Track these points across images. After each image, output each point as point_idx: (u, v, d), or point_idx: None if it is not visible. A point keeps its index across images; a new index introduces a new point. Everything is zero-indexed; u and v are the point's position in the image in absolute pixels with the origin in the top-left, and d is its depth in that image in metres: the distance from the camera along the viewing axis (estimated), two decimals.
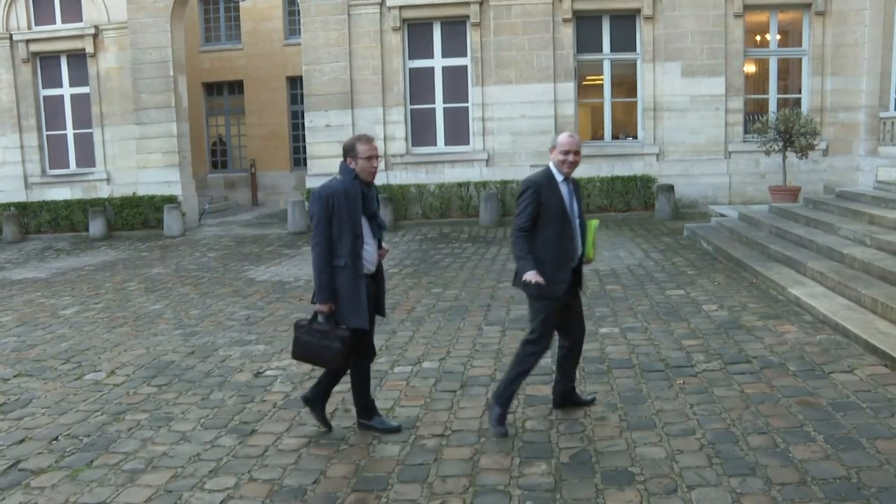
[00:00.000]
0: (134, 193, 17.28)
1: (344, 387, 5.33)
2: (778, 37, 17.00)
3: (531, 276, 4.78)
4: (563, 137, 5.08)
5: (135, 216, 16.97)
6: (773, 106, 16.35)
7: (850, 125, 16.22)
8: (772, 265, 9.51)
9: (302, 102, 17.49)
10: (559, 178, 5.02)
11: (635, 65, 16.44)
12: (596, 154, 16.27)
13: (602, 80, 16.64)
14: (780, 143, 14.16)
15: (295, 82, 21.77)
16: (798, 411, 5.12)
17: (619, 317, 7.85)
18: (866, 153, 15.85)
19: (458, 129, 16.73)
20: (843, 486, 4.08)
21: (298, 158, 22.65)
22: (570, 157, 4.98)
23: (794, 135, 13.95)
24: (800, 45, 16.69)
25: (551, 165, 5.06)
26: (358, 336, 4.90)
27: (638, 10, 16.07)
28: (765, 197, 14.53)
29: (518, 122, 16.19)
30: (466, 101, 16.55)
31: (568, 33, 16.10)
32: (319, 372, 5.46)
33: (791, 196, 13.57)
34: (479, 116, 16.35)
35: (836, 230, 9.95)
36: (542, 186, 4.93)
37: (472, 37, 16.28)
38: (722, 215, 14.02)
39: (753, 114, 16.49)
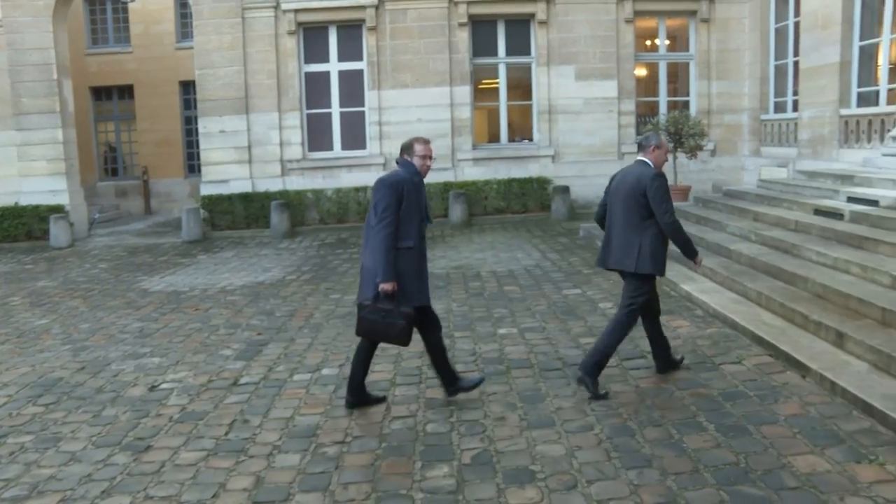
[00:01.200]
0: (16, 203, 16.46)
1: (241, 397, 5.22)
2: (667, 42, 17.58)
3: (701, 259, 5.88)
4: (665, 139, 5.93)
5: (17, 227, 16.13)
6: (663, 108, 16.90)
7: (735, 127, 16.93)
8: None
9: (196, 108, 17.07)
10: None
11: (530, 68, 16.72)
12: (492, 157, 16.49)
13: (498, 83, 16.85)
14: (671, 145, 14.62)
15: (188, 87, 21.16)
16: (691, 402, 5.30)
17: (517, 317, 7.95)
18: (750, 153, 16.57)
19: (354, 134, 16.64)
20: (732, 471, 4.25)
21: (193, 165, 22.04)
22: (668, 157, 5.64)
23: (683, 136, 14.43)
24: (687, 49, 17.32)
25: (651, 163, 5.74)
26: (421, 312, 5.31)
27: (532, 15, 16.36)
28: None
29: (415, 126, 16.18)
30: (363, 106, 16.48)
31: (464, 37, 16.24)
32: (218, 383, 5.33)
33: (682, 195, 14.02)
34: (375, 121, 16.31)
35: (724, 227, 10.34)
36: (666, 180, 5.63)
37: (368, 41, 16.22)
38: None
39: (645, 116, 17.00)
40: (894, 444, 4.49)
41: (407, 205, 5.19)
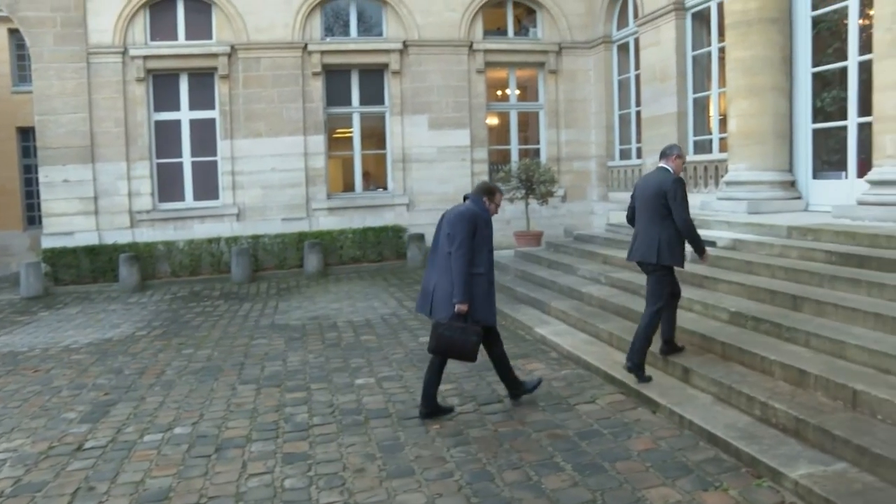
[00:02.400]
0: None
1: (86, 462, 4.89)
2: (517, 92, 18.20)
3: (708, 256, 6.62)
4: (680, 149, 6.66)
5: None
6: (514, 156, 17.43)
7: (584, 173, 17.65)
8: (519, 307, 10.03)
9: (36, 155, 16.20)
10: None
11: (384, 117, 16.89)
12: (347, 206, 16.47)
13: (352, 132, 16.92)
14: (523, 191, 15.07)
15: (27, 133, 20.11)
16: (548, 444, 5.39)
17: (374, 367, 7.90)
18: (599, 198, 17.28)
19: (207, 184, 16.24)
20: None
21: (33, 216, 20.88)
22: (685, 164, 6.80)
23: (534, 183, 14.92)
24: (537, 99, 17.98)
25: (671, 169, 6.50)
26: (487, 330, 6.07)
27: (386, 65, 16.57)
28: (511, 242, 15.33)
29: (269, 176, 16.02)
30: (216, 155, 16.13)
31: (318, 86, 16.25)
32: (60, 449, 4.98)
33: (534, 240, 14.45)
34: (228, 170, 15.99)
35: (576, 271, 10.69)
36: (684, 184, 6.37)
37: (220, 89, 15.95)
38: None
39: (497, 164, 17.45)
40: (736, 471, 4.74)
41: (479, 237, 6.00)
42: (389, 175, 16.97)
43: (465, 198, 6.33)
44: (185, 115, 16.06)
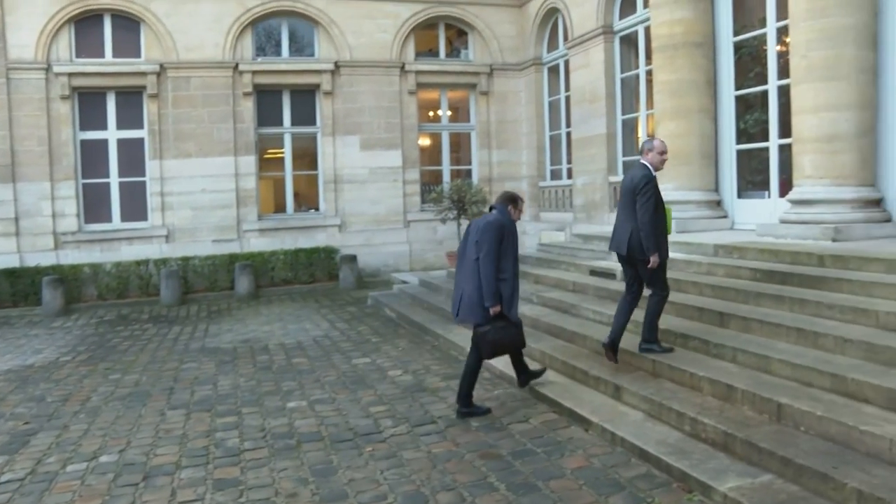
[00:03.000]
0: None
1: (1, 498, 4.71)
2: (449, 113, 18.31)
3: (655, 261, 6.50)
4: (660, 143, 6.83)
5: None
6: (446, 176, 17.52)
7: None
8: (452, 327, 10.01)
9: None
10: (654, 172, 6.65)
11: (316, 138, 16.80)
12: (279, 227, 16.31)
13: (283, 153, 16.79)
14: (455, 212, 15.14)
15: None
16: (482, 464, 5.38)
17: (306, 389, 7.80)
18: (530, 218, 17.44)
19: (135, 205, 15.88)
20: None
21: None
22: (666, 156, 6.80)
23: (466, 203, 14.99)
24: (468, 120, 18.13)
25: (648, 164, 6.66)
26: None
27: (317, 86, 16.51)
28: (443, 263, 15.40)
29: (199, 197, 15.77)
30: (144, 175, 15.79)
31: (249, 106, 16.08)
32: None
33: None
34: (157, 191, 15.67)
35: None
36: (655, 180, 6.57)
37: (149, 108, 15.65)
38: (404, 282, 14.62)
39: (429, 184, 17.52)
40: (668, 486, 4.81)
41: (506, 245, 6.42)
42: (321, 196, 16.87)
43: (491, 208, 6.70)
44: (112, 134, 15.71)
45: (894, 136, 8.90)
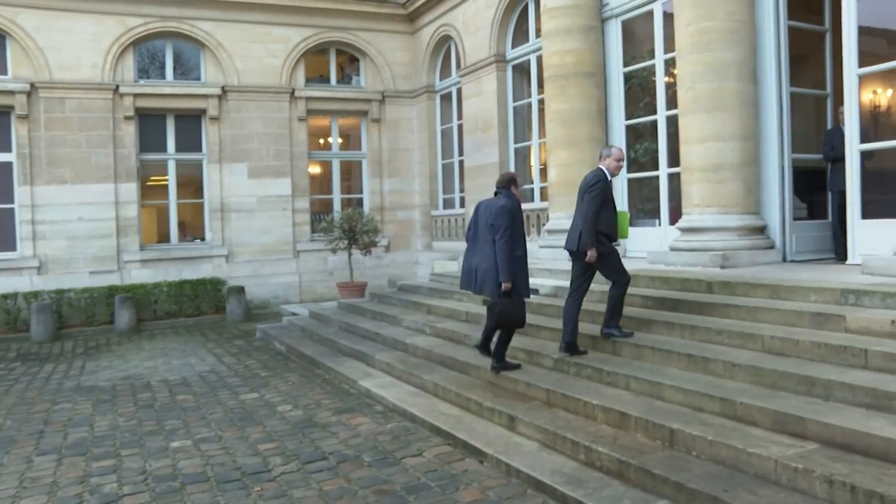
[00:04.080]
0: None
1: None
2: (340, 140, 18.26)
3: (593, 256, 7.17)
4: (618, 150, 7.53)
5: None
6: (337, 206, 17.43)
7: (408, 223, 17.87)
8: (343, 360, 9.92)
9: None
10: (610, 177, 7.37)
11: (202, 165, 16.45)
12: (162, 258, 15.83)
13: (167, 180, 16.35)
14: (346, 242, 15.05)
15: None
16: (375, 500, 5.30)
17: (191, 428, 7.54)
18: (423, 248, 17.52)
19: (3, 234, 15.13)
20: None
21: None
22: (623, 164, 7.52)
23: (357, 233, 14.94)
24: (360, 148, 18.13)
25: (604, 169, 7.33)
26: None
27: (204, 111, 16.19)
28: (334, 294, 15.25)
29: (75, 226, 15.16)
30: (12, 202, 15.07)
31: (130, 131, 15.61)
32: None
33: (358, 291, 14.40)
34: (28, 219, 14.96)
35: (400, 321, 10.72)
36: (606, 182, 7.26)
37: (18, 130, 14.97)
38: (294, 314, 14.41)
39: (319, 214, 17.38)
40: None
41: (518, 225, 7.20)
42: (207, 225, 16.49)
43: (496, 193, 7.43)
44: None
45: (774, 167, 9.35)
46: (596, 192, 7.16)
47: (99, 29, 15.32)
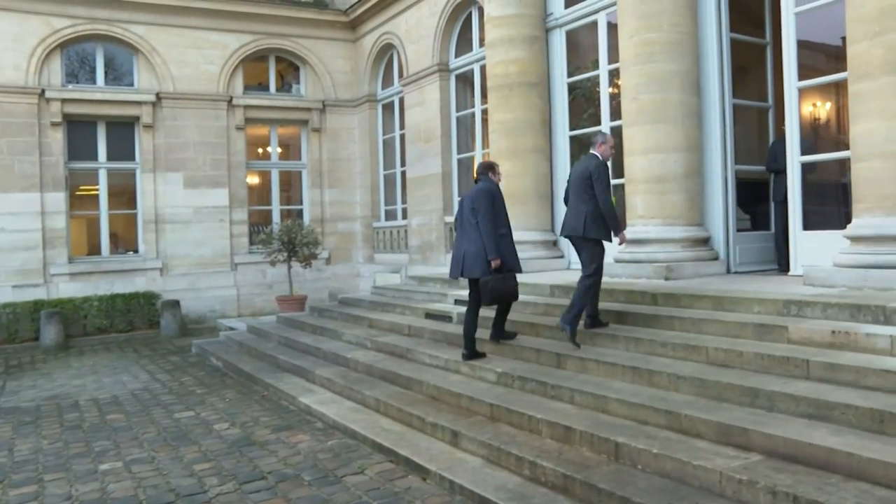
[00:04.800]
0: None
1: None
2: (279, 150, 18.12)
3: (625, 236, 8.13)
4: (610, 136, 7.84)
5: None
6: (276, 217, 17.28)
7: (349, 235, 17.80)
8: (282, 375, 9.81)
9: None
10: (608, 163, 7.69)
11: (135, 174, 16.16)
12: (93, 271, 15.49)
13: (98, 190, 16.02)
14: (285, 254, 14.92)
15: None
16: None
17: (122, 449, 7.37)
18: (364, 260, 17.46)
19: None
20: None
21: None
22: (614, 150, 7.88)
23: (297, 245, 14.83)
24: (300, 158, 18.01)
25: (599, 155, 7.56)
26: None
27: (137, 118, 15.92)
28: (273, 307, 15.10)
29: None
30: None
31: (57, 138, 15.26)
32: None
33: (298, 305, 14.29)
34: None
35: (341, 336, 10.65)
36: (607, 168, 7.51)
37: None
38: (231, 329, 14.22)
39: (258, 225, 17.21)
40: None
41: (498, 204, 7.69)
42: (141, 237, 16.19)
43: (476, 180, 8.04)
44: None
45: (717, 178, 9.54)
46: (604, 176, 7.42)
47: (22, 29, 14.93)
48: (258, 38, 16.86)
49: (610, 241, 7.66)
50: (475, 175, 8.21)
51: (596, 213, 7.40)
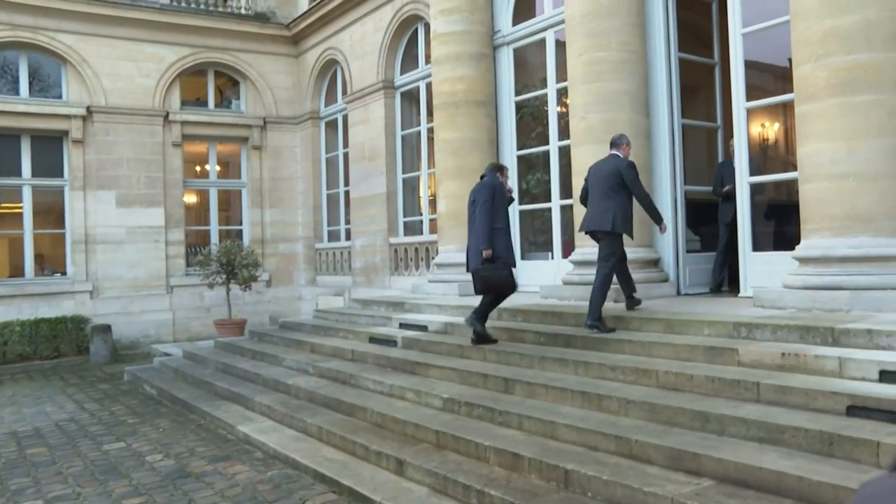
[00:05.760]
0: None
1: None
2: (218, 168, 17.96)
3: (665, 226, 8.40)
4: (628, 138, 8.45)
5: None
6: (214, 237, 17.10)
7: (291, 256, 17.67)
8: (220, 403, 9.67)
9: None
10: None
11: (63, 192, 15.86)
12: (15, 294, 15.12)
13: (22, 208, 15.66)
14: (224, 276, 14.75)
15: None
16: None
17: (43, 486, 7.15)
18: (307, 283, 17.34)
19: None
20: None
21: None
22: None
23: (236, 267, 14.67)
24: (239, 177, 17.86)
25: (622, 155, 8.09)
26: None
27: (66, 133, 15.65)
28: (211, 332, 14.89)
29: None
30: None
31: None
32: None
33: (237, 329, 14.12)
34: None
35: (282, 361, 10.54)
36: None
37: None
38: (166, 354, 13.98)
39: (196, 246, 17.00)
40: None
41: (498, 199, 8.19)
42: (69, 258, 15.87)
43: (482, 177, 8.52)
44: None
45: (667, 199, 9.69)
46: (635, 175, 7.93)
47: None
48: (196, 51, 16.73)
49: (632, 236, 8.14)
50: (484, 172, 8.68)
51: (625, 209, 7.92)
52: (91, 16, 15.65)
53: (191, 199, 17.91)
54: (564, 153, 10.66)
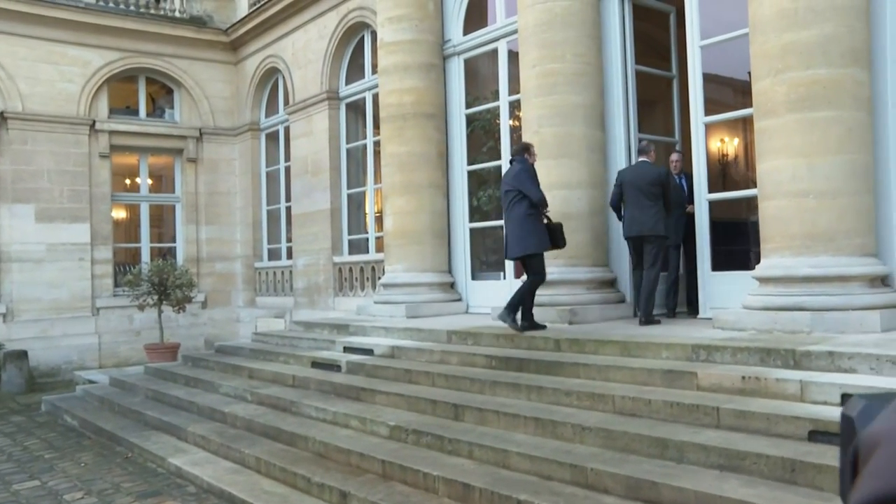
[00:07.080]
0: None
1: None
2: (150, 181, 17.78)
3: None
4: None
5: None
6: (146, 256, 16.88)
7: (228, 276, 17.51)
8: (150, 434, 9.52)
9: None
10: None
11: None
12: None
13: None
14: (155, 297, 14.55)
15: None
16: None
17: None
18: (245, 304, 17.20)
19: None
20: None
21: None
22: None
23: (169, 287, 14.48)
24: (173, 191, 17.69)
25: (650, 161, 8.97)
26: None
27: None
28: (142, 357, 14.67)
29: None
30: None
31: None
32: None
33: (170, 354, 13.94)
34: None
35: (217, 388, 10.42)
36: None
37: None
38: (91, 382, 13.72)
39: (125, 265, 16.78)
40: None
41: (535, 178, 8.61)
42: None
43: (511, 161, 8.87)
44: None
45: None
46: (672, 183, 9.13)
47: None
48: (126, 55, 16.54)
49: (670, 237, 9.10)
50: (511, 157, 9.15)
51: (663, 211, 8.77)
52: (5, 12, 15.26)
53: (120, 214, 17.71)
54: None
